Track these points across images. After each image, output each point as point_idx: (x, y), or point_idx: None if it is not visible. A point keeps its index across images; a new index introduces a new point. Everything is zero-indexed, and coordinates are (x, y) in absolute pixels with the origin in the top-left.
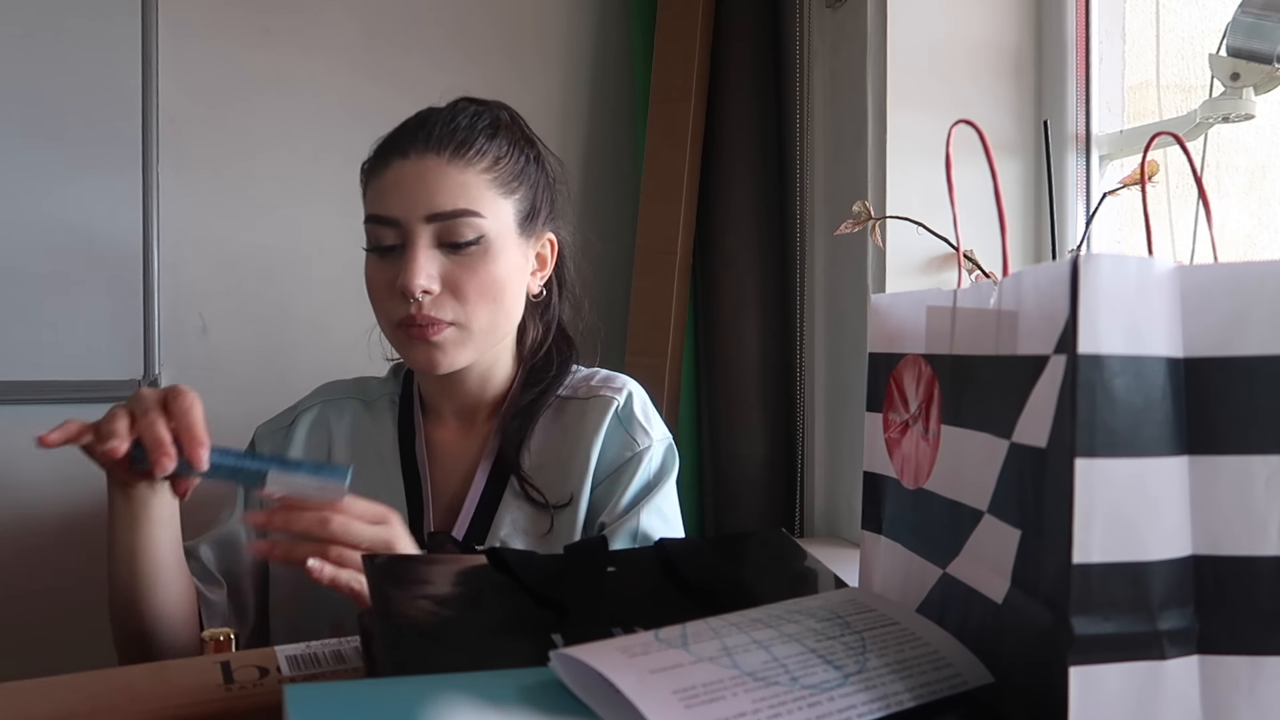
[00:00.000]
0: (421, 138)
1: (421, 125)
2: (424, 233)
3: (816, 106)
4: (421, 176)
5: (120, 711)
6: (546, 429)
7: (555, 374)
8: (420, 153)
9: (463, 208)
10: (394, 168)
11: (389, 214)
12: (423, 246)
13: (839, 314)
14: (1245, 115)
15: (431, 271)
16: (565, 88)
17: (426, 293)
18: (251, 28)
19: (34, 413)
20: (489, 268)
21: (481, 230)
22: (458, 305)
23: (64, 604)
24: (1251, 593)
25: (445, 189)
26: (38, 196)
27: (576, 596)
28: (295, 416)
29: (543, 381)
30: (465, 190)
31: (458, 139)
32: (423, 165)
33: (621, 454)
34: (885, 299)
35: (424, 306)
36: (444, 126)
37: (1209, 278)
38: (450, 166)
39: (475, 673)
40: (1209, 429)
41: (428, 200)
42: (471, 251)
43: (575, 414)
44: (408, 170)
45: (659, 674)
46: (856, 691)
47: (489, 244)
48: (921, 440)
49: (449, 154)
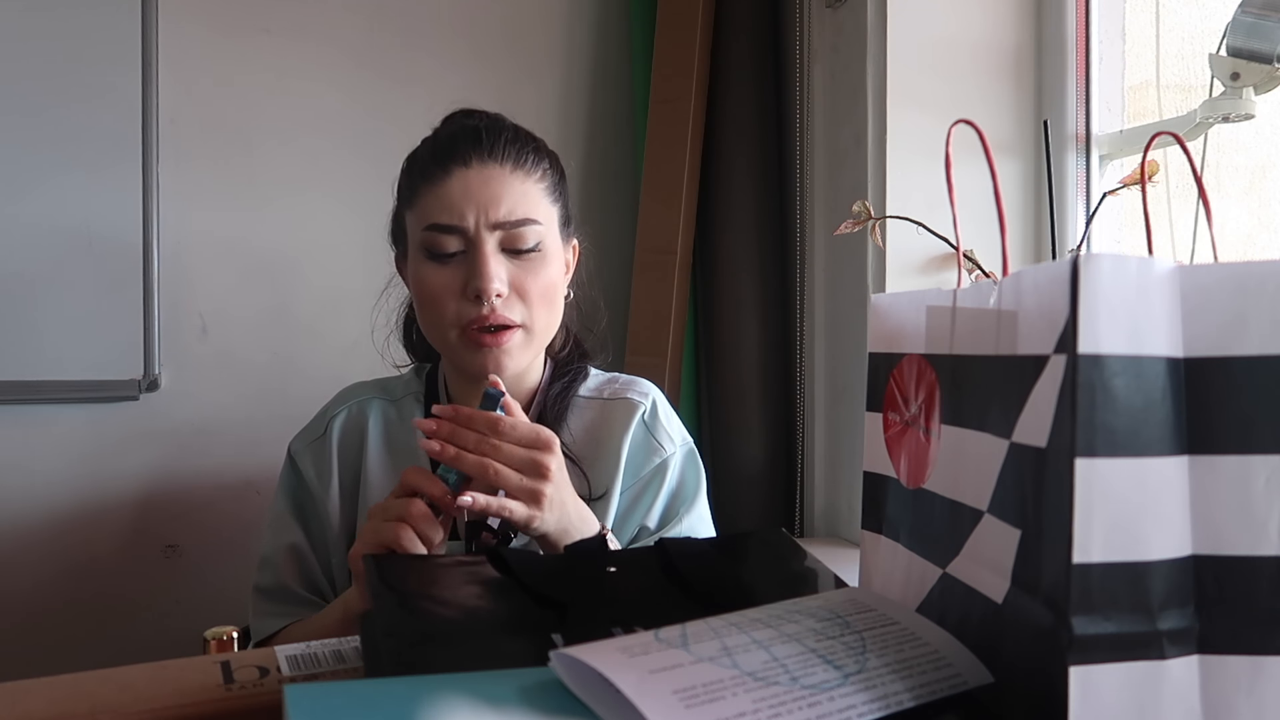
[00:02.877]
0: (483, 148)
1: (476, 136)
2: (491, 239)
3: (816, 106)
4: (487, 185)
5: (120, 711)
6: (573, 428)
7: (575, 369)
8: (483, 162)
9: (527, 216)
10: (457, 176)
11: (456, 222)
12: (491, 251)
13: (839, 314)
14: (1245, 115)
15: (503, 275)
16: (565, 88)
17: (498, 295)
18: (251, 27)
19: (34, 413)
20: (547, 271)
21: (540, 237)
22: (524, 307)
23: (64, 604)
24: (1251, 593)
25: (510, 198)
26: (38, 196)
27: (577, 596)
28: (326, 423)
29: (565, 376)
30: (527, 199)
31: (514, 151)
32: (486, 174)
33: (649, 459)
34: (885, 299)
35: (496, 308)
36: (499, 138)
37: (1209, 278)
38: (513, 176)
39: (475, 673)
40: (1209, 429)
41: (494, 208)
42: (533, 257)
43: (601, 414)
44: (473, 179)
45: (659, 674)
46: (856, 691)
47: (545, 249)
48: (921, 440)
49: (510, 164)
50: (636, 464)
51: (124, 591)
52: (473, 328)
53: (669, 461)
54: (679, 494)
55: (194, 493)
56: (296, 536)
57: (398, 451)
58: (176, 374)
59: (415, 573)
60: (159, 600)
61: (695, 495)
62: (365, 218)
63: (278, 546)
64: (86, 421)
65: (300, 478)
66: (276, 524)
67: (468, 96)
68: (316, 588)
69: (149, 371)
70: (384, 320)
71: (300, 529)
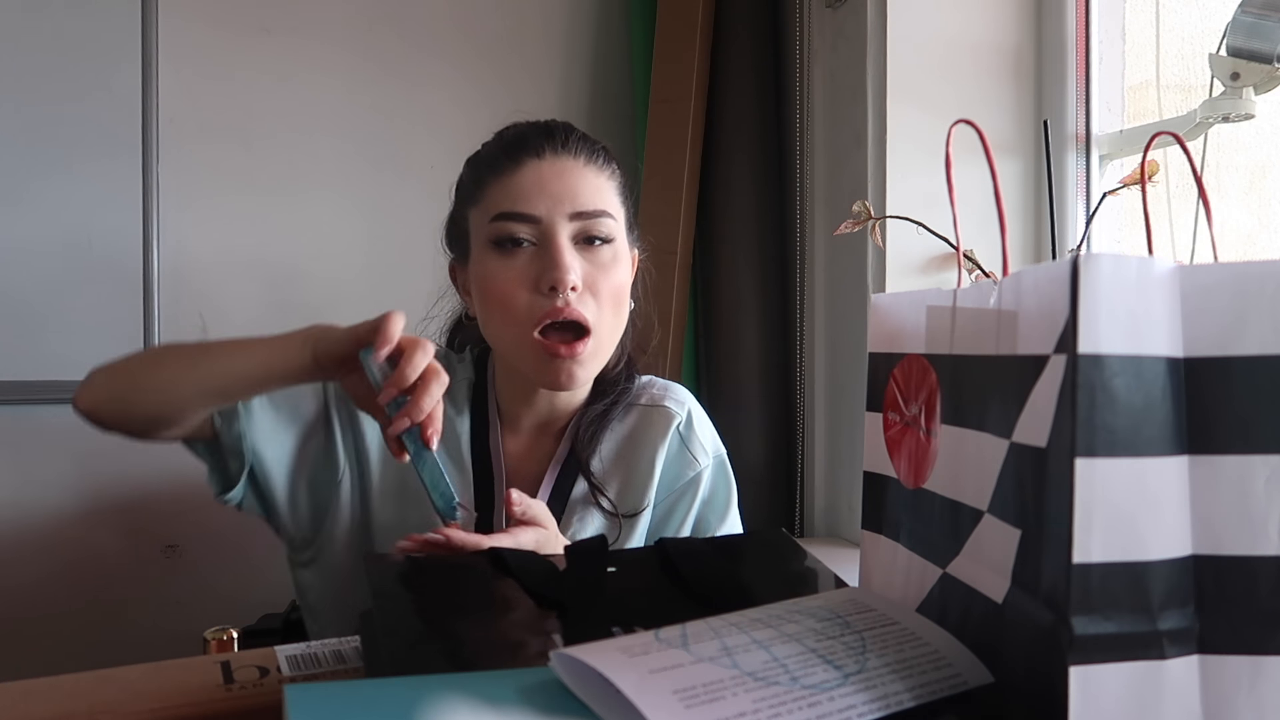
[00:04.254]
0: (556, 141)
1: (548, 131)
2: (565, 229)
3: (816, 106)
4: (562, 175)
5: (120, 711)
6: (610, 435)
7: (624, 387)
8: (556, 154)
9: (602, 208)
10: (529, 166)
11: (530, 210)
12: (565, 243)
13: (839, 314)
14: (1245, 115)
15: (577, 268)
16: (565, 87)
17: (574, 288)
18: (251, 27)
19: (34, 413)
20: (617, 270)
21: (613, 231)
22: (596, 306)
23: (64, 604)
24: (1251, 593)
25: (586, 188)
26: (38, 196)
27: (576, 596)
28: None
29: (611, 393)
30: (601, 192)
31: (587, 146)
32: (561, 165)
33: (683, 472)
34: (885, 299)
35: (570, 301)
36: (570, 134)
37: (1209, 278)
38: (588, 168)
39: (475, 673)
40: (1209, 429)
41: (571, 198)
42: (605, 251)
43: (638, 422)
44: (545, 169)
45: (659, 674)
46: (856, 691)
47: (617, 247)
48: (921, 440)
49: (584, 157)
50: (670, 477)
51: (124, 591)
52: (547, 325)
53: (702, 474)
54: (710, 505)
55: (194, 493)
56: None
57: (445, 438)
58: None
59: (415, 573)
60: (159, 600)
61: (727, 506)
62: (365, 217)
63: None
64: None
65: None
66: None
67: (468, 96)
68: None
69: None
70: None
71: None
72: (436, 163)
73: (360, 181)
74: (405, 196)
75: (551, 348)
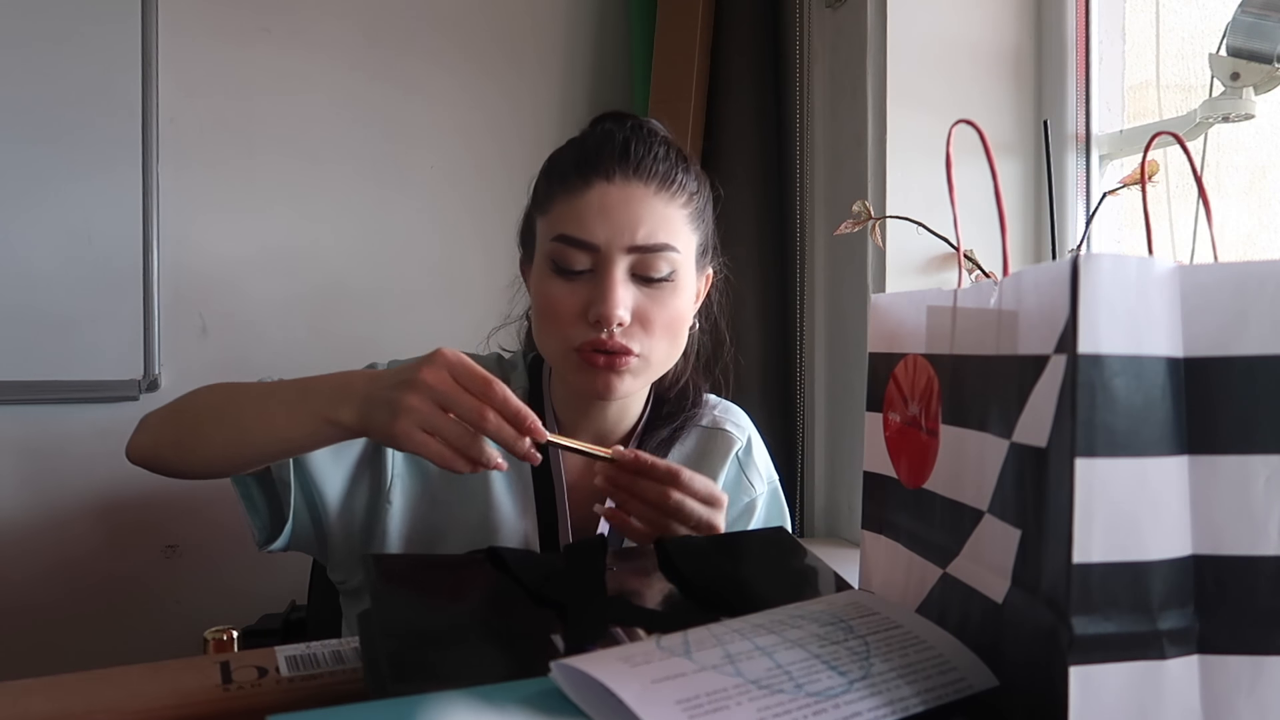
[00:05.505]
0: (630, 163)
1: (625, 149)
2: (623, 262)
3: (816, 106)
4: (628, 204)
5: (118, 711)
6: (671, 456)
7: (690, 408)
8: (626, 178)
9: (664, 242)
10: (597, 189)
11: (589, 239)
12: (620, 276)
13: (839, 314)
14: (1245, 115)
15: (628, 303)
16: (565, 88)
17: (620, 324)
18: (251, 28)
19: (34, 413)
20: (675, 302)
21: (675, 265)
22: (645, 337)
23: (64, 603)
24: (1251, 593)
25: (651, 221)
26: (38, 196)
27: (576, 597)
28: None
29: (678, 415)
30: (668, 224)
31: (662, 170)
32: (629, 193)
33: (738, 497)
34: (885, 299)
35: (615, 334)
36: (648, 154)
37: (1209, 278)
38: (656, 199)
39: (472, 690)
40: (1209, 429)
41: (632, 231)
42: (663, 286)
43: (698, 444)
44: (613, 196)
45: (661, 684)
46: (861, 698)
47: (678, 279)
48: (921, 440)
49: (656, 185)
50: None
51: (124, 591)
52: (585, 350)
53: (756, 501)
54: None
55: (194, 493)
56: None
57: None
58: (176, 374)
59: (414, 573)
60: (159, 600)
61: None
62: (366, 216)
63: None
64: (86, 421)
65: None
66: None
67: (468, 95)
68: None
69: (149, 371)
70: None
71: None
72: (436, 162)
73: (361, 181)
74: (406, 195)
75: (591, 358)
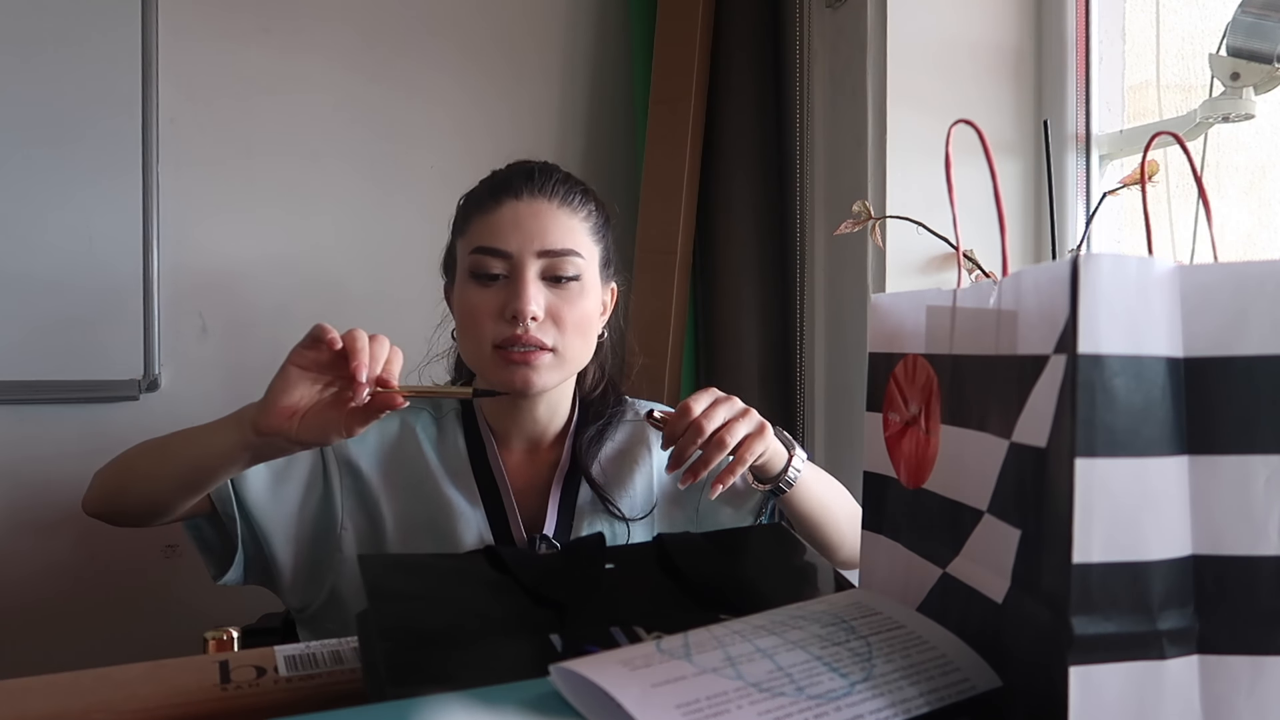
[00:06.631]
0: (535, 183)
1: (529, 174)
2: (534, 266)
3: (816, 106)
4: (536, 216)
5: (116, 710)
6: (605, 449)
7: (614, 408)
8: (533, 195)
9: (569, 247)
10: (507, 206)
11: (503, 246)
12: (532, 277)
13: (839, 314)
14: (1245, 115)
15: (540, 300)
16: (565, 88)
17: (534, 319)
18: (251, 28)
19: (34, 413)
20: (583, 303)
21: (580, 269)
22: (557, 333)
23: (64, 604)
24: (1251, 593)
25: (556, 229)
26: (38, 197)
27: (575, 595)
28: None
29: (603, 413)
30: (571, 232)
31: (563, 190)
32: (536, 206)
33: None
34: (885, 299)
35: (530, 329)
36: (549, 177)
37: (1209, 278)
38: (560, 211)
39: (470, 690)
40: (1209, 429)
41: (540, 237)
42: (571, 287)
43: (627, 435)
44: (521, 209)
45: (661, 687)
46: (863, 700)
47: (584, 282)
48: (921, 440)
49: (559, 200)
50: (668, 479)
51: (124, 591)
52: (504, 347)
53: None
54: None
55: None
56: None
57: (447, 464)
58: (176, 374)
59: (412, 573)
60: (159, 600)
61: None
62: (365, 216)
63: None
64: (86, 421)
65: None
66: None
67: (468, 95)
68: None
69: (149, 371)
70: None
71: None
72: (436, 163)
73: (360, 181)
74: (405, 195)
75: (508, 355)
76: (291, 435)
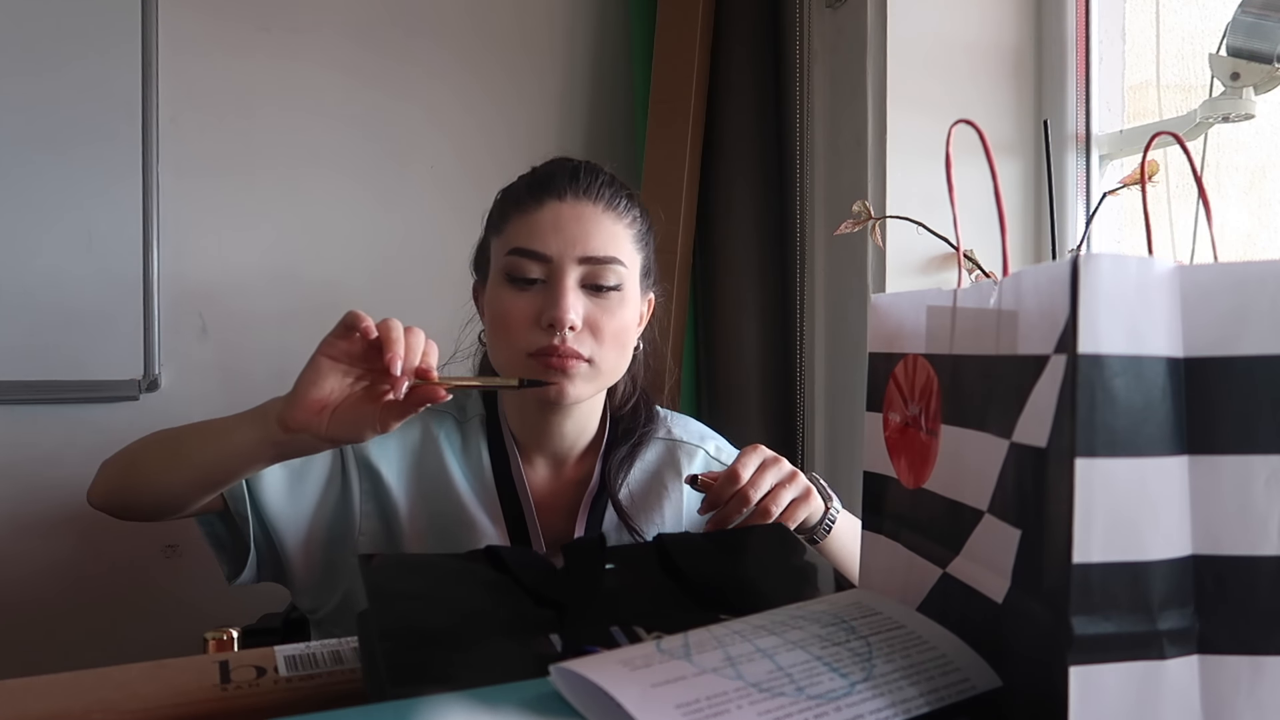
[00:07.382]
0: (579, 184)
1: (575, 174)
2: (574, 272)
3: (816, 107)
4: (579, 219)
5: (116, 710)
6: (636, 470)
7: (645, 424)
8: (577, 197)
9: (612, 255)
10: (549, 207)
11: (542, 250)
12: (571, 285)
13: (839, 314)
14: (1245, 115)
15: (579, 309)
16: (565, 89)
17: (572, 328)
18: (251, 29)
19: (34, 413)
20: (622, 313)
21: (622, 279)
22: (594, 344)
23: (64, 603)
24: (1251, 593)
25: (599, 235)
26: (38, 197)
27: (575, 596)
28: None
29: (635, 431)
30: (615, 239)
31: (609, 193)
32: (579, 209)
33: None
34: (885, 299)
35: (567, 339)
36: (595, 178)
37: (1209, 277)
38: (604, 216)
39: (469, 690)
40: (1209, 429)
41: (583, 242)
42: (612, 296)
43: (659, 455)
44: (564, 212)
45: (661, 687)
46: (863, 700)
47: (625, 292)
48: (921, 440)
49: (604, 204)
50: (694, 506)
51: (124, 591)
52: (539, 355)
53: None
54: None
55: None
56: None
57: (469, 474)
58: (176, 374)
59: (413, 573)
60: (159, 600)
61: None
62: (365, 215)
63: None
64: (86, 421)
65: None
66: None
67: (468, 96)
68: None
69: (149, 371)
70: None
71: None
72: (436, 162)
73: (360, 180)
74: (405, 195)
75: (544, 363)
76: (321, 432)
